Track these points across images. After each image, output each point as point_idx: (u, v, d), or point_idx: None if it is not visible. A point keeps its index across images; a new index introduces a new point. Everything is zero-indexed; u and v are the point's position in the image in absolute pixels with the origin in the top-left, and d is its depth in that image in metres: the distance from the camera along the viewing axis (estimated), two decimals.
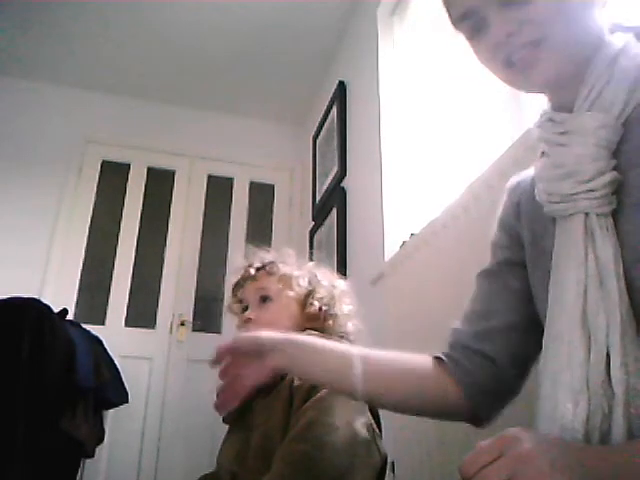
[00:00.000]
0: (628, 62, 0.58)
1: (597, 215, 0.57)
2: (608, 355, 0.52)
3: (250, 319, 1.12)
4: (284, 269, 1.16)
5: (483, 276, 0.78)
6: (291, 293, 1.13)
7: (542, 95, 0.66)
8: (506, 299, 0.73)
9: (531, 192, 0.66)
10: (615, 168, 0.57)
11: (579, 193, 0.58)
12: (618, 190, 0.57)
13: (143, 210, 3.21)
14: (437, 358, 0.75)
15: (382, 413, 1.04)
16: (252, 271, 1.17)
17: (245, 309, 1.16)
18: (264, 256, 1.20)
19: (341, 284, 1.20)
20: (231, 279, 1.23)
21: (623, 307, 0.53)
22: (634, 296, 0.53)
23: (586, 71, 0.59)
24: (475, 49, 0.64)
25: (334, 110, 2.82)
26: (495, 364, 0.72)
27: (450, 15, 0.65)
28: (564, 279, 0.58)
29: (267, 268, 1.16)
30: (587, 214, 0.57)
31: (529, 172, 0.73)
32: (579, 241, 0.57)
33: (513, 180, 0.77)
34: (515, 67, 0.60)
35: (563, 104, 0.62)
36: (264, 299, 1.13)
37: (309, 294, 1.13)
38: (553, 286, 0.60)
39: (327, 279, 1.18)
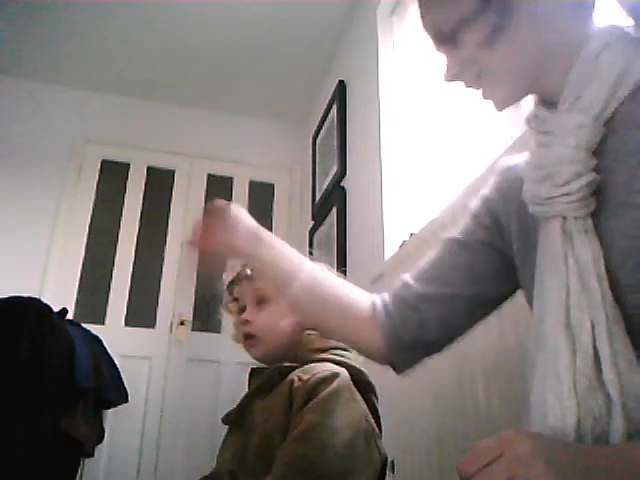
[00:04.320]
0: (612, 59, 0.57)
1: (575, 218, 0.57)
2: (594, 358, 0.51)
3: (247, 321, 1.11)
4: None
5: (455, 244, 0.78)
6: None
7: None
8: (466, 274, 0.76)
9: (521, 180, 0.66)
10: (597, 167, 0.56)
11: (555, 197, 0.58)
12: (601, 189, 0.56)
13: (143, 209, 3.21)
14: (374, 303, 0.80)
15: (382, 413, 1.04)
16: (248, 271, 1.15)
17: (242, 309, 1.15)
18: None
19: None
20: (226, 276, 1.21)
21: (608, 308, 0.52)
22: (623, 297, 0.53)
23: (571, 67, 0.59)
24: None
25: (334, 109, 2.82)
26: (426, 328, 0.76)
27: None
28: (546, 283, 0.58)
29: None
30: (565, 217, 0.57)
31: (522, 157, 0.72)
32: (558, 244, 0.57)
33: (505, 162, 0.77)
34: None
35: (550, 98, 0.62)
36: (261, 300, 1.12)
37: None
38: (536, 290, 0.60)
39: None
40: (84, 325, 2.43)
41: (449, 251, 0.78)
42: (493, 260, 0.74)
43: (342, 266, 2.34)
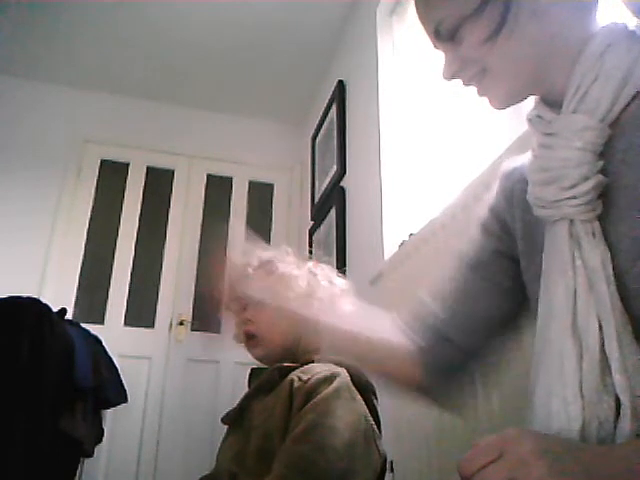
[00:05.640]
0: (616, 58, 0.55)
1: (582, 221, 0.56)
2: (600, 361, 0.50)
3: (249, 320, 1.11)
4: (283, 269, 1.14)
5: (471, 265, 0.77)
6: (290, 294, 1.11)
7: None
8: (490, 295, 0.74)
9: (525, 181, 0.64)
10: (603, 169, 0.55)
11: (562, 200, 0.56)
12: (607, 191, 0.55)
13: (142, 209, 3.20)
14: (414, 343, 0.79)
15: (382, 413, 1.04)
16: (250, 270, 1.15)
17: (243, 308, 1.15)
18: (262, 254, 1.19)
19: (341, 283, 1.19)
20: (228, 276, 1.21)
21: (616, 312, 0.51)
22: (630, 301, 0.52)
23: (574, 66, 0.58)
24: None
25: (333, 109, 2.82)
26: (463, 353, 0.76)
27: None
28: (553, 286, 0.57)
29: (265, 267, 1.15)
30: (572, 220, 0.56)
31: (525, 158, 0.71)
32: (565, 248, 0.56)
33: (508, 165, 0.76)
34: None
35: (553, 98, 0.61)
36: (262, 300, 1.12)
37: (308, 295, 1.12)
38: (542, 293, 0.59)
39: (326, 278, 1.17)
40: (83, 325, 2.43)
41: (467, 273, 0.77)
42: (513, 269, 0.72)
43: (342, 266, 2.34)
